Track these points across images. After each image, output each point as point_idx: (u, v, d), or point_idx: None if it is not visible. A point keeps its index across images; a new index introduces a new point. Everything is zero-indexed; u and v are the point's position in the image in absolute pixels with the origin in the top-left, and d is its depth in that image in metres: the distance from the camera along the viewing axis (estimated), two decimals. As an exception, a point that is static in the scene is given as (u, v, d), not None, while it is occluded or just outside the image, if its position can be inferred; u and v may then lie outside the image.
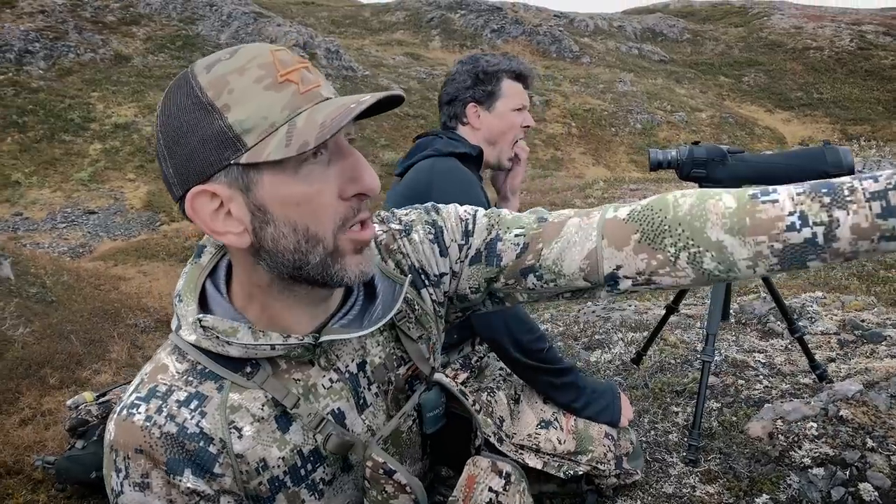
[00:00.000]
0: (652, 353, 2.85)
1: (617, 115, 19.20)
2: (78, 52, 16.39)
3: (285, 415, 0.91)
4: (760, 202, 0.83)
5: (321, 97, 0.81)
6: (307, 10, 27.44)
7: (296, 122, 0.78)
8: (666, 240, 0.88)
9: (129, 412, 0.85)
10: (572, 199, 9.07)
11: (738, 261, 0.85)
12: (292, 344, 0.89)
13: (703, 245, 0.86)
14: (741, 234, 0.83)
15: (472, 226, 1.04)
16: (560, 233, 0.97)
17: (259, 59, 0.80)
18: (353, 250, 0.86)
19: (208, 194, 0.81)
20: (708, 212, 0.86)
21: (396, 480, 0.95)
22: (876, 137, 17.78)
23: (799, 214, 0.80)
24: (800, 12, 29.80)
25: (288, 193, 0.80)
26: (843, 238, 0.78)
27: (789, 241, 0.81)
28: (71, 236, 10.22)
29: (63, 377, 4.50)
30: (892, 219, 0.76)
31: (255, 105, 0.78)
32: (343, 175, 0.83)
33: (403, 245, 1.05)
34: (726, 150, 2.13)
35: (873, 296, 4.23)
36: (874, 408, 2.04)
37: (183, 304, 0.91)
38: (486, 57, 1.96)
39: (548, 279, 0.97)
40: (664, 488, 1.95)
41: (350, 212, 0.84)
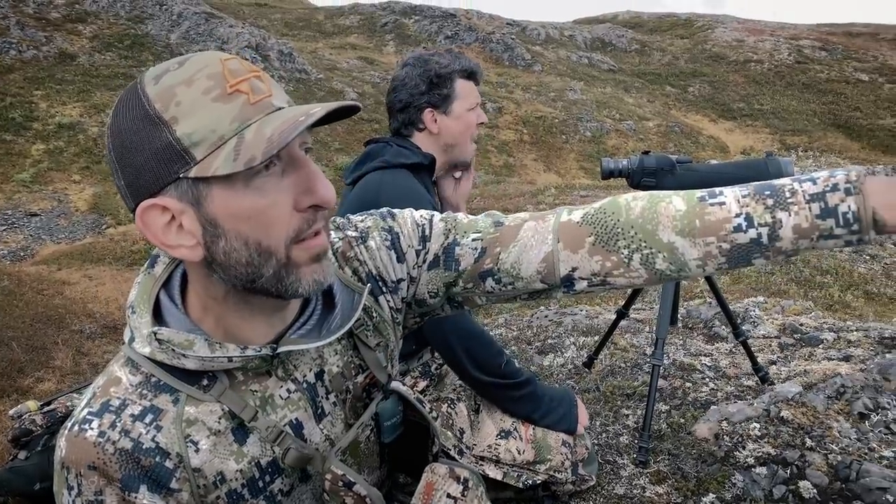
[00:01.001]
0: (603, 357, 2.92)
1: (567, 123, 19.49)
2: (20, 49, 15.83)
3: (242, 427, 0.90)
4: (709, 205, 0.88)
5: (272, 107, 0.79)
6: (260, 12, 27.08)
7: (244, 135, 0.76)
8: (619, 242, 0.92)
9: (80, 427, 0.83)
10: (524, 206, 9.16)
11: (689, 261, 0.89)
12: (250, 356, 0.88)
13: (655, 246, 0.90)
14: (691, 235, 0.88)
15: (429, 230, 1.06)
16: (517, 236, 0.99)
17: (208, 69, 0.78)
18: (308, 260, 0.84)
19: (159, 208, 0.79)
20: (659, 214, 0.90)
21: (356, 492, 0.95)
22: (812, 148, 18.50)
23: (745, 216, 0.85)
24: (741, 26, 30.78)
25: (238, 207, 0.78)
26: (786, 237, 0.84)
27: (736, 242, 0.86)
28: (11, 239, 9.85)
29: (3, 386, 4.35)
30: (830, 219, 0.82)
31: (203, 117, 0.76)
32: (297, 187, 0.81)
33: (360, 252, 1.04)
34: (675, 160, 2.20)
35: (810, 300, 4.41)
36: (813, 408, 2.13)
37: (136, 316, 0.89)
38: (434, 58, 1.88)
39: (506, 282, 1.00)
40: (616, 489, 2.00)
41: (304, 224, 0.82)
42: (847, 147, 19.67)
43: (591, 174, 16.63)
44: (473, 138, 1.95)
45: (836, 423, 2.05)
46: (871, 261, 6.40)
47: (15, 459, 2.53)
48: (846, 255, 6.50)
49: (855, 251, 6.63)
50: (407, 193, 1.73)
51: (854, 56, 26.03)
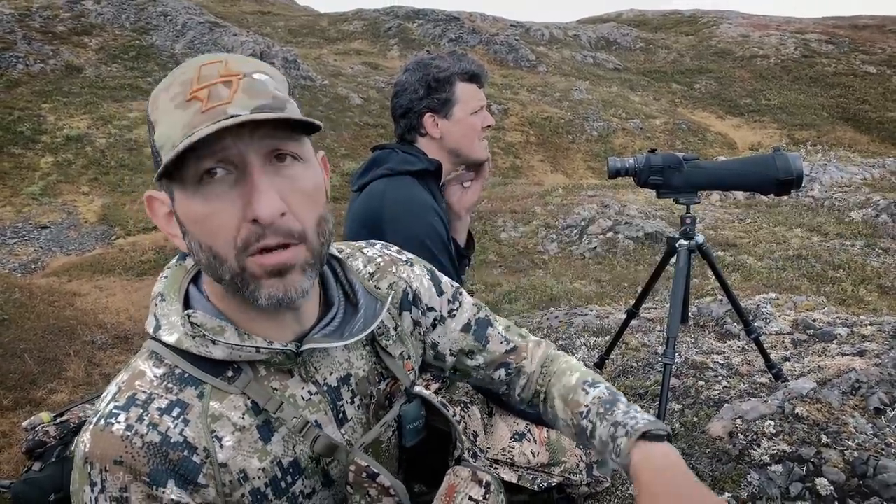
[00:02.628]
0: (615, 357, 2.90)
1: (574, 123, 19.44)
2: (27, 63, 15.94)
3: (266, 424, 0.91)
4: (582, 387, 1.13)
5: (224, 115, 0.78)
6: (264, 20, 27.18)
7: (181, 144, 0.77)
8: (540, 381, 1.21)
9: (107, 422, 0.82)
10: (532, 206, 9.14)
11: (559, 418, 1.14)
12: (276, 349, 0.89)
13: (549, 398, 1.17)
14: (564, 402, 1.13)
15: (460, 294, 1.20)
16: (528, 353, 1.23)
17: (184, 75, 0.82)
18: (264, 274, 0.83)
19: (158, 200, 0.88)
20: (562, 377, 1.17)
21: (380, 483, 0.96)
22: (821, 142, 18.36)
23: (587, 409, 1.08)
24: (746, 21, 30.62)
25: (189, 210, 0.83)
26: (596, 440, 1.05)
27: (578, 424, 1.09)
28: (22, 252, 9.92)
29: (17, 398, 4.38)
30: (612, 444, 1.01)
31: (166, 123, 0.81)
32: (243, 198, 0.81)
33: (404, 270, 1.11)
34: (682, 157, 2.19)
35: (823, 296, 4.37)
36: (828, 405, 2.11)
37: (166, 304, 0.90)
38: (435, 62, 1.84)
39: (512, 378, 1.23)
40: (630, 490, 1.99)
41: (252, 236, 0.81)
42: (856, 140, 19.53)
43: (599, 174, 16.58)
44: (480, 139, 1.91)
45: (852, 419, 2.03)
46: (884, 254, 6.34)
47: (29, 471, 2.54)
48: (858, 250, 6.45)
49: (867, 245, 6.58)
50: (411, 202, 1.72)
51: (861, 49, 25.85)
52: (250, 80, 0.82)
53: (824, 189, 9.10)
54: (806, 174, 9.32)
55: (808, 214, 8.10)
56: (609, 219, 8.07)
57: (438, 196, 1.89)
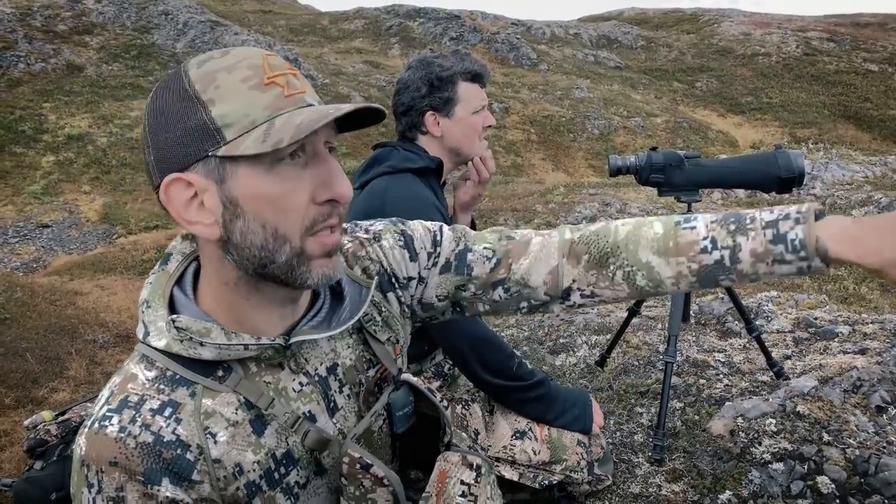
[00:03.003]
0: (616, 356, 2.90)
1: (575, 122, 19.44)
2: (28, 63, 15.96)
3: (259, 418, 0.92)
4: (682, 228, 0.98)
5: (304, 103, 0.84)
6: (265, 19, 27.19)
7: (274, 122, 0.80)
8: (609, 259, 1.03)
9: (101, 425, 0.84)
10: (534, 205, 9.15)
11: (664, 279, 0.99)
12: (264, 344, 0.90)
13: (635, 265, 1.01)
14: (665, 255, 0.98)
15: (440, 237, 1.12)
16: (528, 250, 1.09)
17: (249, 60, 0.83)
18: (320, 254, 0.88)
19: (184, 183, 0.84)
20: (641, 237, 1.01)
21: (373, 474, 0.96)
22: (823, 140, 18.34)
23: (710, 239, 0.95)
24: (748, 19, 30.59)
25: (260, 190, 0.83)
26: (745, 261, 0.93)
27: (703, 262, 0.95)
28: (24, 251, 9.93)
29: (19, 396, 4.38)
30: (780, 244, 0.89)
31: (238, 102, 0.81)
32: (317, 179, 0.86)
33: (373, 251, 1.10)
34: (683, 155, 2.19)
35: (825, 294, 4.37)
36: (829, 403, 2.11)
37: (151, 311, 0.91)
38: (438, 60, 1.85)
39: (514, 291, 1.08)
40: (631, 488, 1.99)
41: (320, 216, 0.87)
42: (858, 138, 19.51)
43: (600, 172, 16.58)
44: (481, 139, 1.92)
45: (853, 417, 2.03)
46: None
47: (31, 470, 2.55)
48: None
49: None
50: (413, 199, 1.73)
51: (863, 46, 25.82)
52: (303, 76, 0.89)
53: (826, 187, 9.10)
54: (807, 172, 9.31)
55: (810, 212, 8.09)
56: (610, 217, 8.07)
57: (440, 193, 1.89)
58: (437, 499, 1.04)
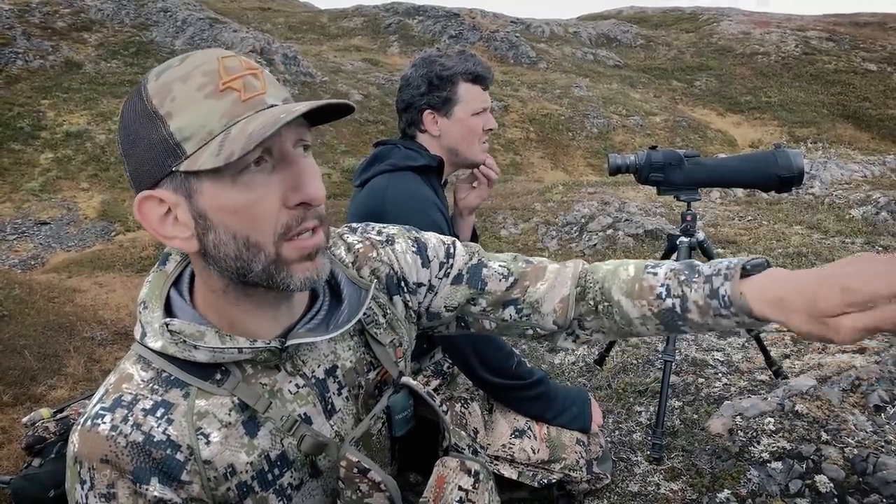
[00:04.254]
0: (614, 354, 2.90)
1: (574, 120, 19.42)
2: (26, 59, 15.91)
3: (253, 419, 0.92)
4: (647, 272, 1.03)
5: (264, 105, 0.81)
6: (264, 16, 27.14)
7: (230, 132, 0.78)
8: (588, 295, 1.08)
9: (93, 422, 0.85)
10: (532, 204, 9.14)
11: (633, 318, 1.03)
12: (259, 347, 0.89)
13: (610, 302, 1.06)
14: (631, 296, 1.03)
15: (454, 249, 1.13)
16: (545, 275, 1.10)
17: (205, 66, 0.80)
18: (299, 258, 0.86)
19: (155, 199, 0.83)
20: (617, 276, 1.05)
21: (371, 479, 0.96)
22: (822, 139, 18.34)
23: (665, 286, 1.00)
24: (747, 18, 30.58)
25: (226, 202, 0.81)
26: (693, 311, 0.96)
27: (660, 307, 1.00)
28: (22, 248, 9.91)
29: (17, 394, 4.37)
30: (715, 300, 0.93)
31: (194, 113, 0.79)
32: (286, 183, 0.83)
33: (384, 253, 1.09)
34: (683, 154, 2.19)
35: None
36: (827, 402, 2.11)
37: (148, 311, 0.91)
38: (440, 59, 1.84)
39: (524, 314, 1.10)
40: (630, 487, 1.99)
41: (294, 220, 0.84)
42: (857, 138, 19.52)
43: (599, 171, 16.57)
44: (481, 142, 1.91)
45: (852, 417, 2.03)
46: (884, 252, 6.34)
47: (29, 467, 2.55)
48: (858, 248, 6.45)
49: (867, 243, 6.58)
50: (413, 197, 1.72)
51: (862, 46, 25.82)
52: (267, 74, 0.86)
53: (824, 186, 9.10)
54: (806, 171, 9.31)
55: (809, 212, 8.10)
56: (609, 216, 8.07)
57: (440, 192, 1.89)
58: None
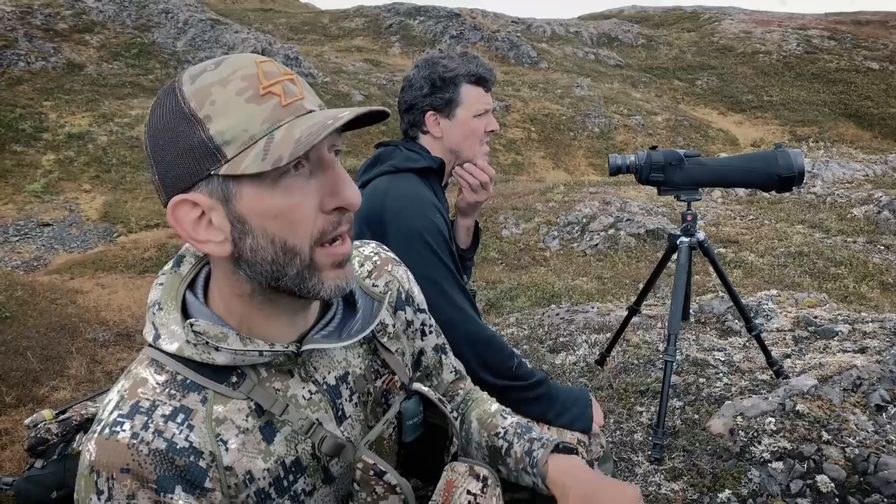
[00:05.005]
0: (616, 354, 2.90)
1: (575, 120, 19.42)
2: (28, 61, 15.95)
3: (269, 425, 0.91)
4: (500, 415, 1.24)
5: (304, 110, 0.82)
6: (265, 17, 27.17)
7: (274, 136, 0.78)
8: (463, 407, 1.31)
9: (112, 430, 0.82)
10: (534, 204, 9.14)
11: (472, 440, 1.24)
12: (278, 351, 0.90)
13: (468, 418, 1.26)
14: (481, 425, 1.23)
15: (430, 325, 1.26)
16: None
17: (243, 70, 0.81)
18: (331, 265, 0.87)
19: (189, 203, 0.82)
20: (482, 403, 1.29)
21: (386, 481, 0.96)
22: (823, 138, 18.32)
23: (505, 430, 1.19)
24: (748, 17, 30.55)
25: (266, 206, 0.81)
26: (513, 458, 1.16)
27: (494, 444, 1.20)
28: (24, 250, 9.93)
29: (19, 395, 4.38)
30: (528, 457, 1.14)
31: (235, 117, 0.78)
32: (324, 188, 0.84)
33: (398, 271, 1.14)
34: (683, 154, 2.19)
35: (825, 292, 4.36)
36: (828, 401, 2.11)
37: (163, 313, 0.90)
38: (443, 61, 1.83)
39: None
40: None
41: (329, 225, 0.85)
42: (859, 137, 19.50)
43: (600, 170, 16.57)
44: (482, 144, 1.90)
45: (853, 416, 2.03)
46: (885, 251, 6.33)
47: (31, 468, 2.55)
48: (860, 247, 6.44)
49: (869, 242, 6.57)
50: (413, 198, 1.73)
51: (863, 44, 25.78)
52: (302, 79, 0.86)
53: (826, 185, 9.09)
54: (808, 171, 9.30)
55: (810, 211, 8.09)
56: (610, 216, 8.07)
57: (441, 194, 1.89)
58: None
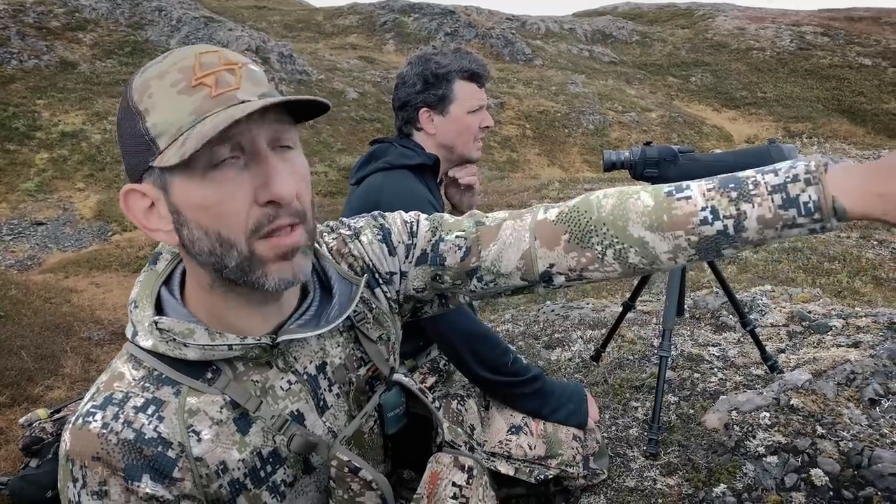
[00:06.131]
0: (611, 350, 2.91)
1: (570, 117, 19.45)
2: (21, 59, 15.88)
3: (244, 416, 0.92)
4: (675, 199, 0.90)
5: (235, 100, 0.80)
6: (259, 14, 27.10)
7: (195, 128, 0.78)
8: (593, 239, 0.96)
9: (84, 420, 0.85)
10: (529, 200, 9.15)
11: (660, 254, 0.92)
12: (249, 344, 0.89)
13: (626, 242, 0.93)
14: (660, 230, 0.91)
15: (417, 227, 1.09)
16: (497, 235, 1.03)
17: (182, 62, 0.81)
18: (274, 257, 0.85)
19: (139, 193, 0.84)
20: (629, 211, 0.93)
21: (362, 478, 0.96)
22: (817, 134, 18.40)
23: (710, 209, 0.88)
24: (742, 14, 30.64)
25: (195, 197, 0.81)
26: (751, 228, 0.86)
27: (704, 234, 0.89)
28: (18, 249, 9.90)
29: (14, 394, 4.37)
30: (792, 209, 0.84)
31: (167, 109, 0.79)
32: (256, 180, 0.82)
33: (354, 247, 1.08)
34: (677, 150, 2.19)
35: (818, 287, 4.38)
36: (823, 396, 2.12)
37: (139, 311, 0.91)
38: (436, 57, 1.83)
39: (488, 280, 1.04)
40: (626, 482, 1.99)
41: (265, 218, 0.83)
42: (852, 132, 19.57)
43: (595, 167, 16.59)
44: (476, 139, 1.91)
45: (847, 410, 2.04)
46: (878, 246, 6.36)
47: (27, 468, 2.55)
48: (853, 242, 6.47)
49: (862, 237, 6.59)
50: (408, 195, 1.73)
51: (856, 41, 25.88)
52: (249, 69, 0.84)
53: (820, 181, 9.12)
54: (802, 166, 9.31)
55: (804, 207, 8.12)
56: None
57: (436, 190, 1.90)
58: (428, 500, 1.04)
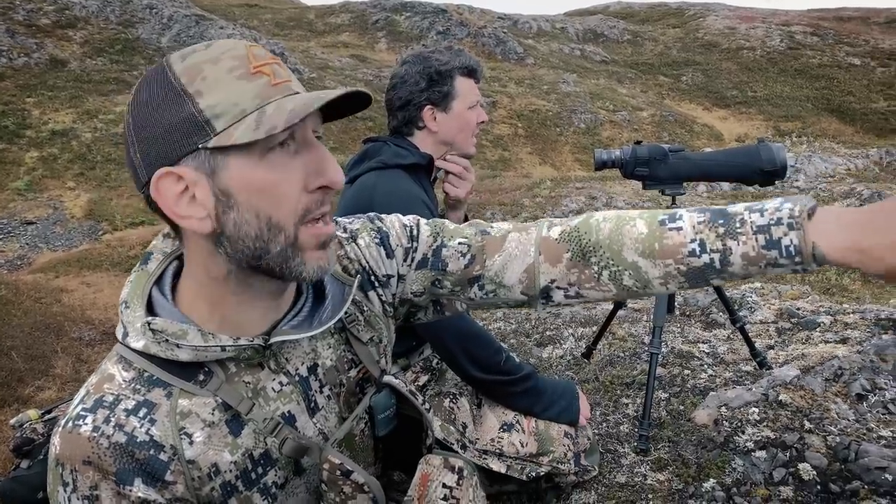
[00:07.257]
0: (602, 347, 2.93)
1: (561, 116, 19.47)
2: (10, 57, 15.75)
3: (236, 418, 0.91)
4: (667, 229, 0.94)
5: (291, 91, 0.84)
6: (250, 13, 27.00)
7: (265, 110, 0.80)
8: (591, 258, 0.99)
9: (74, 424, 0.83)
10: (521, 199, 9.17)
11: (652, 279, 0.96)
12: (242, 345, 0.89)
13: (621, 265, 0.97)
14: (652, 257, 0.94)
15: (417, 231, 1.10)
16: (503, 247, 1.04)
17: (233, 51, 0.83)
18: (314, 245, 0.88)
19: (174, 177, 0.82)
20: (624, 236, 0.97)
21: (354, 480, 0.96)
22: (806, 133, 18.50)
23: (699, 242, 0.91)
24: (733, 14, 30.76)
25: (253, 179, 0.82)
26: (736, 263, 0.89)
27: (692, 265, 0.92)
28: (8, 248, 9.83)
29: (4, 395, 4.35)
30: (774, 250, 0.86)
31: (226, 92, 0.80)
32: (308, 167, 0.85)
33: (350, 250, 1.08)
34: (668, 148, 2.21)
35: (807, 285, 4.42)
36: (811, 391, 2.14)
37: (130, 311, 0.90)
38: (434, 55, 1.86)
39: (489, 289, 1.05)
40: (617, 478, 2.01)
41: (313, 204, 0.86)
42: (841, 131, 19.69)
43: (587, 166, 16.62)
44: (474, 134, 1.93)
45: (835, 405, 2.06)
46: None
47: (17, 469, 2.54)
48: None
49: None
50: (401, 195, 1.73)
51: (846, 41, 26.03)
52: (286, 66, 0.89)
53: (809, 179, 9.18)
54: (791, 165, 9.38)
55: (794, 205, 8.17)
56: (597, 210, 8.12)
57: (429, 189, 1.90)
58: (418, 502, 1.03)
